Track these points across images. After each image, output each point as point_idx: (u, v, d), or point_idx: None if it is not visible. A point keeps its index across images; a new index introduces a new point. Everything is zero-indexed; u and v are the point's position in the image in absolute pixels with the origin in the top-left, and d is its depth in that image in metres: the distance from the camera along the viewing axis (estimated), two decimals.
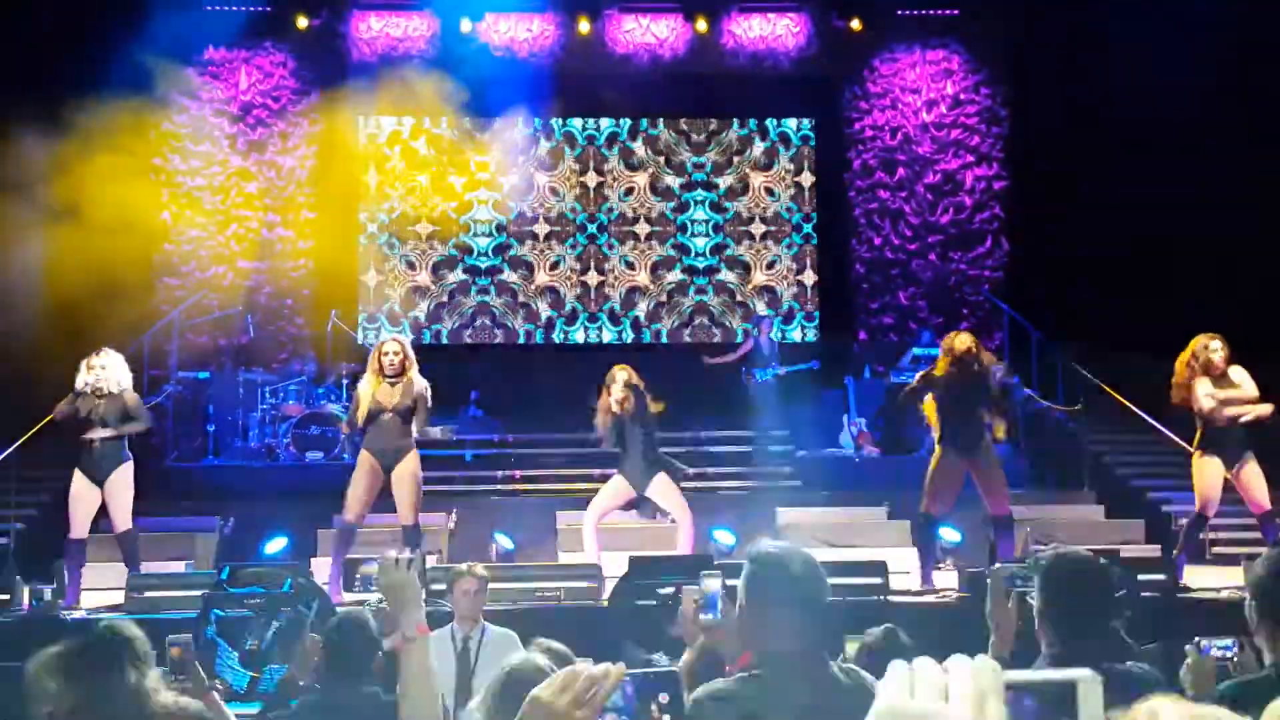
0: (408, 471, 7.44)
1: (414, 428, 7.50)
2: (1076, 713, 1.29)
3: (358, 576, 6.61)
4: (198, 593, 6.66)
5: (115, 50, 11.08)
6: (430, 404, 7.59)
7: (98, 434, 7.33)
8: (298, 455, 10.70)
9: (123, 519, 7.44)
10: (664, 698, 1.90)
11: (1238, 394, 7.30)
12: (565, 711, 1.52)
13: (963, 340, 7.43)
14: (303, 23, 12.63)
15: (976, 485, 7.52)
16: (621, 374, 7.83)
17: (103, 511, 7.53)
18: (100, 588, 7.73)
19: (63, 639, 3.32)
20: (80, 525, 7.42)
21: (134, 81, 11.19)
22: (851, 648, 4.05)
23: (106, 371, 7.42)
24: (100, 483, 7.39)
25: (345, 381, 11.23)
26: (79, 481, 7.43)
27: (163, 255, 12.30)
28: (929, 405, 7.53)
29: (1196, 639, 4.37)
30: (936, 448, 7.51)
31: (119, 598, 7.03)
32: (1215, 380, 7.36)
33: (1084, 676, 1.30)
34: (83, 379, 7.43)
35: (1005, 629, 3.34)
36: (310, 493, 10.00)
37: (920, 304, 13.00)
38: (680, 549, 7.69)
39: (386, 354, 7.50)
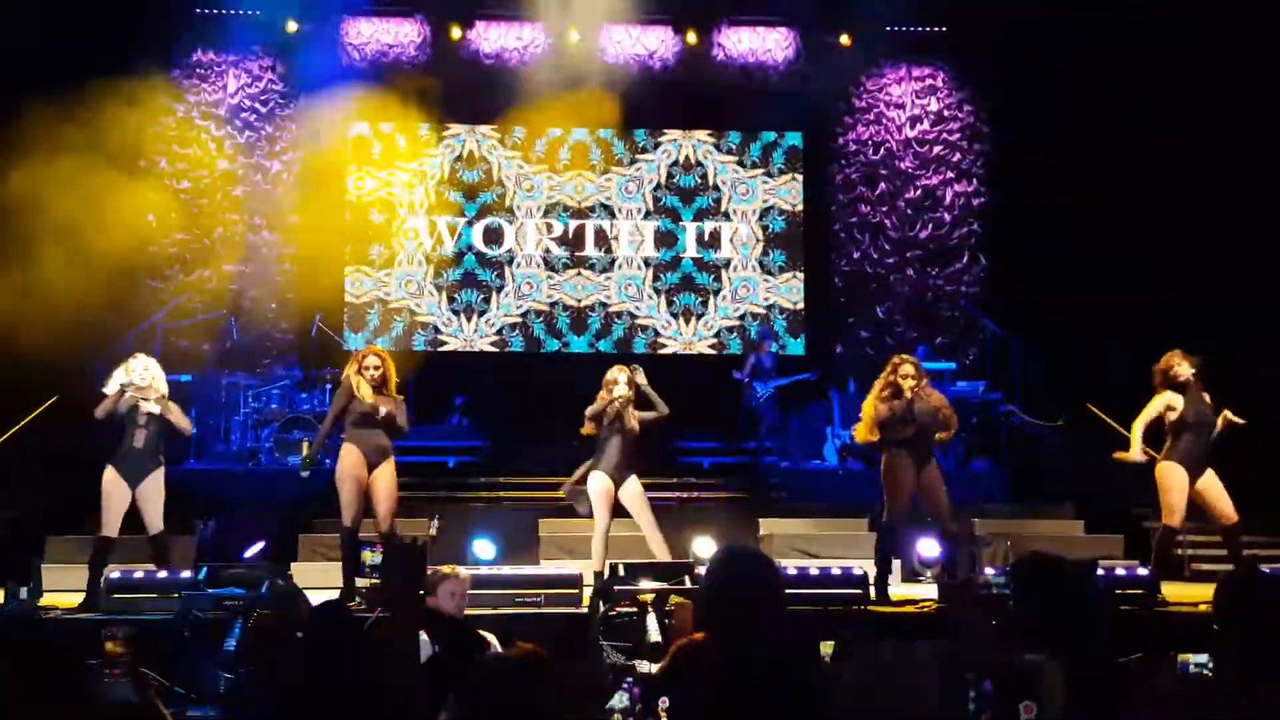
0: (386, 477, 7.57)
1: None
2: (1040, 697, 1.33)
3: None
4: (176, 594, 6.64)
5: (103, 53, 11.06)
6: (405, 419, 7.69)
7: (146, 403, 7.46)
8: (280, 459, 10.67)
9: (157, 521, 7.53)
10: (665, 701, 1.91)
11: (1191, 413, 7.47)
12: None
13: (908, 368, 7.67)
14: (292, 27, 12.62)
15: (920, 503, 7.64)
16: (622, 374, 7.96)
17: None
18: (79, 589, 7.68)
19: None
20: (114, 524, 7.47)
21: (121, 83, 11.16)
22: (826, 649, 4.18)
23: (150, 372, 7.60)
24: (133, 484, 7.48)
25: (329, 387, 11.21)
26: (112, 481, 7.48)
27: (147, 257, 12.24)
28: (864, 426, 7.69)
29: (1172, 653, 4.40)
30: (885, 455, 7.66)
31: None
32: (1185, 394, 7.52)
33: (1049, 664, 1.35)
34: (122, 379, 7.56)
35: (975, 631, 3.36)
36: (291, 497, 9.97)
37: (897, 318, 13.06)
38: (659, 558, 7.73)
39: (368, 367, 7.65)
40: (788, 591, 6.84)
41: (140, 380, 7.54)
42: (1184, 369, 7.56)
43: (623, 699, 1.83)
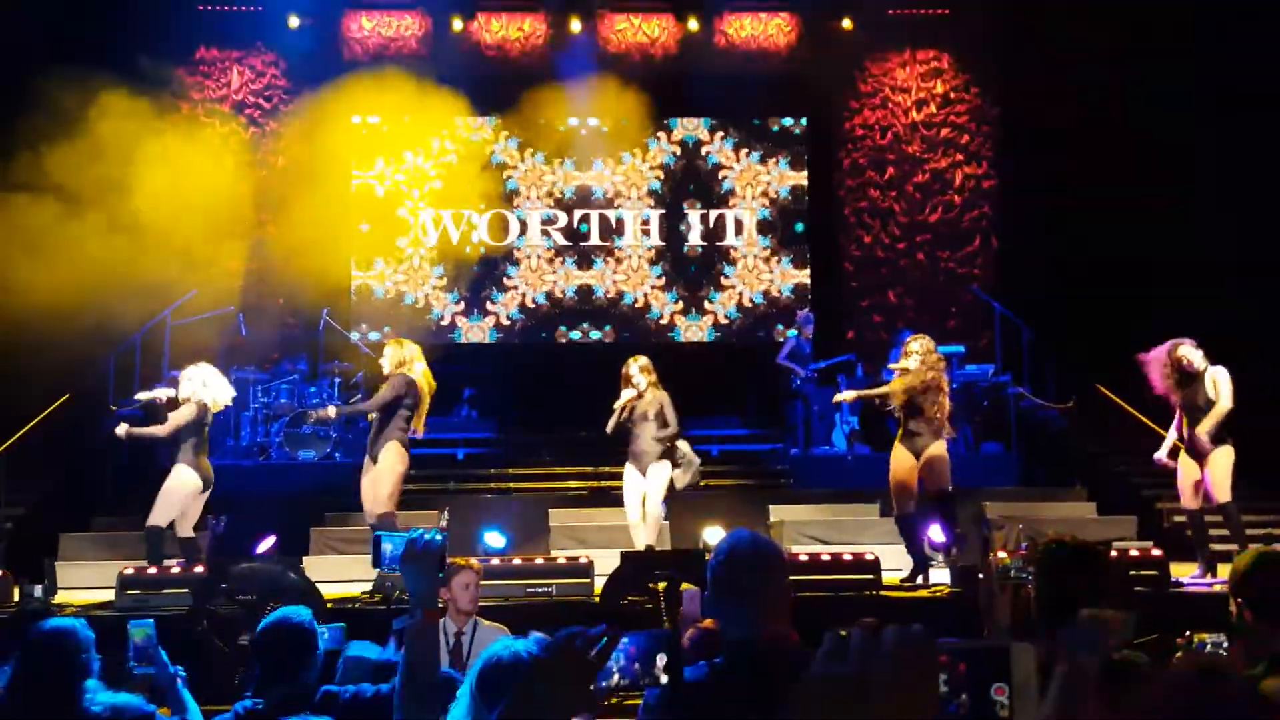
0: (373, 467, 7.59)
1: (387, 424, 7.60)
2: (1011, 678, 1.34)
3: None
4: (188, 590, 6.66)
5: (107, 50, 11.06)
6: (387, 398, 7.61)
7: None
8: (290, 454, 10.68)
9: (151, 513, 7.65)
10: (662, 659, 1.90)
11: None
12: (570, 670, 1.52)
13: (911, 345, 7.70)
14: (294, 22, 12.61)
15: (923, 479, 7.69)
16: (634, 364, 8.11)
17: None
18: (92, 586, 7.72)
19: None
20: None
21: (125, 81, 11.15)
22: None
23: (182, 383, 7.87)
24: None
25: (337, 380, 11.22)
26: None
27: (153, 254, 12.24)
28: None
29: (1188, 633, 4.38)
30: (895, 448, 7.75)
31: (110, 595, 7.01)
32: (1187, 382, 7.51)
33: (1018, 644, 1.38)
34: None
35: (1000, 618, 3.34)
36: (302, 491, 9.99)
37: (908, 302, 13.02)
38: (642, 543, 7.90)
39: (381, 358, 7.71)
40: (799, 578, 6.87)
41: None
42: (1184, 357, 7.60)
43: (619, 658, 1.82)
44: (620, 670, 1.81)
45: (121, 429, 7.67)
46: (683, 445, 8.33)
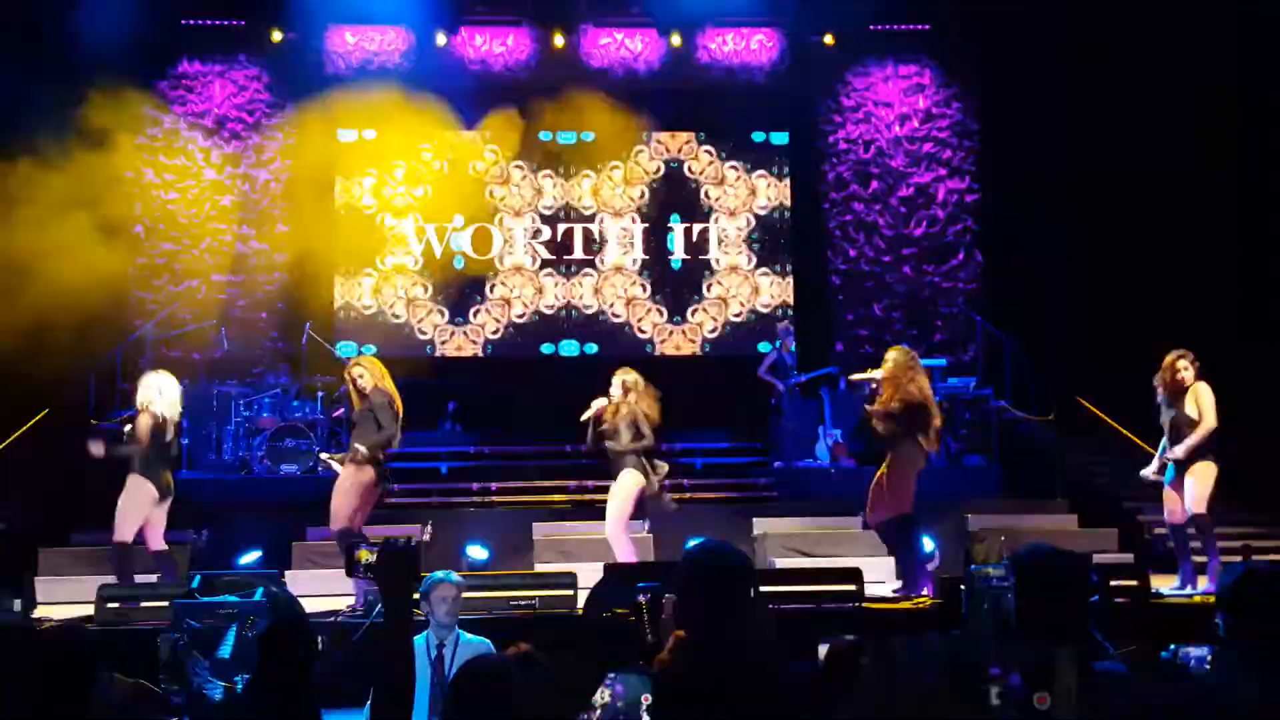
0: (337, 483, 7.56)
1: (358, 440, 7.54)
2: (1053, 686, 1.36)
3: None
4: (168, 603, 6.61)
5: (90, 64, 11.03)
6: (377, 416, 7.54)
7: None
8: (272, 468, 10.63)
9: (114, 530, 7.49)
10: (647, 698, 1.91)
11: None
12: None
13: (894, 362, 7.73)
14: (277, 36, 12.62)
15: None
16: (615, 379, 8.10)
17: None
18: (72, 600, 7.67)
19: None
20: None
21: (107, 95, 11.13)
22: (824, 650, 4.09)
23: (138, 391, 7.70)
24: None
25: (320, 395, 11.18)
26: None
27: (136, 269, 12.22)
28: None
29: (1173, 647, 4.37)
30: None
31: (90, 609, 6.96)
32: (1175, 397, 7.55)
33: (1062, 651, 1.40)
34: None
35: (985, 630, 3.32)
36: (284, 506, 9.95)
37: (895, 315, 13.08)
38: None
39: (353, 379, 7.62)
40: (783, 590, 6.87)
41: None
42: (1180, 372, 7.62)
43: (604, 695, 1.82)
44: (604, 708, 1.81)
45: (97, 447, 7.50)
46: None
